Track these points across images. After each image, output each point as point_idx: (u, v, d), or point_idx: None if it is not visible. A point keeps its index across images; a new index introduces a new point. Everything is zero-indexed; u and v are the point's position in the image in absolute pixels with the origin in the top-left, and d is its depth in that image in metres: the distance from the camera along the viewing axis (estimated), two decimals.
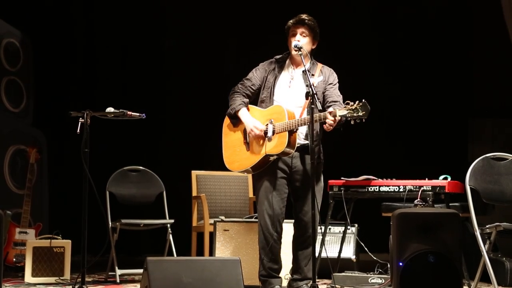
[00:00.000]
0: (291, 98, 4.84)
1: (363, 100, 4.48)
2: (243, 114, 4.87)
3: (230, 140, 4.94)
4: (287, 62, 4.96)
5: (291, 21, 4.89)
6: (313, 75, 4.80)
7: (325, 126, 4.63)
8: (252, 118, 4.84)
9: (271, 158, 4.78)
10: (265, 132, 4.78)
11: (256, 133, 4.78)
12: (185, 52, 8.24)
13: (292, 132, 4.70)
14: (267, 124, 4.79)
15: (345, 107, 4.55)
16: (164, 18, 8.40)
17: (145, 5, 8.31)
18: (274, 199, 4.79)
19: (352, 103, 4.51)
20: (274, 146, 4.74)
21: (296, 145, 4.74)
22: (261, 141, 4.80)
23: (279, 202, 4.81)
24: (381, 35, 8.18)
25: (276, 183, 4.81)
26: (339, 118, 4.54)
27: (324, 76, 4.90)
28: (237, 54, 7.97)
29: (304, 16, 4.88)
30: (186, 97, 8.18)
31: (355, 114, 4.49)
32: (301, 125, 4.69)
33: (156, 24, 8.38)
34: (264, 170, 4.81)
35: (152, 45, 8.40)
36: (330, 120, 4.54)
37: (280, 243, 4.88)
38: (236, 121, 4.92)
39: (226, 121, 4.99)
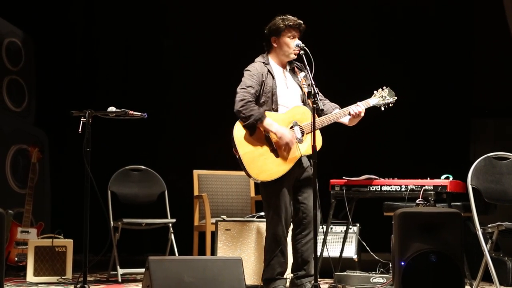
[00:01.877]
0: (292, 98, 4.84)
1: (386, 87, 4.87)
2: (271, 124, 4.72)
3: (251, 150, 4.74)
4: (271, 63, 4.92)
5: (289, 22, 4.84)
6: (297, 72, 4.86)
7: (351, 118, 4.81)
8: (282, 126, 4.73)
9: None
10: None
11: (291, 145, 4.71)
12: (186, 51, 8.24)
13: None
14: (291, 127, 4.76)
15: (375, 95, 4.84)
16: (166, 17, 8.41)
17: (147, 4, 8.32)
18: (289, 203, 4.79)
19: (377, 92, 4.83)
20: (308, 146, 4.67)
21: None
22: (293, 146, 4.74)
23: (291, 205, 4.82)
24: (382, 34, 8.18)
25: (289, 187, 4.80)
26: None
27: (304, 72, 4.91)
28: (238, 54, 7.94)
29: (300, 21, 4.88)
30: (187, 97, 8.19)
31: (386, 101, 4.87)
32: (331, 121, 4.79)
33: (158, 24, 8.38)
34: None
35: (154, 44, 8.41)
36: (362, 112, 4.78)
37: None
38: (253, 131, 4.76)
39: (239, 132, 4.77)
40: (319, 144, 4.73)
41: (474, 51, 8.10)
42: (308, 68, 4.67)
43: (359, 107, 4.77)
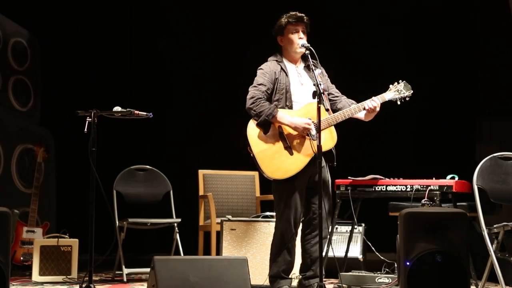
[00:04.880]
0: (306, 95, 4.81)
1: (403, 81, 4.85)
2: (283, 116, 4.73)
3: (265, 149, 4.74)
4: (285, 60, 4.93)
5: (289, 19, 4.87)
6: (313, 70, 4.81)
7: (367, 113, 4.82)
8: (293, 116, 4.75)
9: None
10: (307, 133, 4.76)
11: (310, 128, 4.71)
12: (191, 51, 8.24)
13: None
14: None
15: (390, 89, 4.85)
16: (171, 17, 8.40)
17: (151, 4, 8.32)
18: (300, 202, 4.79)
19: (392, 86, 4.84)
20: (324, 143, 4.64)
21: None
22: (304, 143, 4.74)
23: (302, 205, 4.82)
24: (387, 34, 8.17)
25: (302, 186, 4.80)
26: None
27: (320, 69, 4.91)
28: (243, 53, 7.96)
29: (301, 14, 4.88)
30: (193, 96, 8.19)
31: (402, 95, 4.85)
32: (347, 117, 4.77)
33: (163, 23, 8.39)
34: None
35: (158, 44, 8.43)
36: (378, 107, 4.79)
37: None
38: (267, 128, 4.76)
39: (253, 131, 4.77)
40: (333, 140, 4.77)
41: (479, 50, 8.09)
42: (314, 68, 4.66)
43: (374, 102, 4.78)
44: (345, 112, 4.79)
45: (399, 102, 4.87)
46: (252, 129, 4.78)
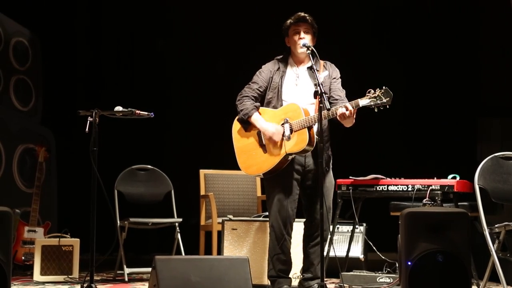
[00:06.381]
0: (299, 96, 4.83)
1: (384, 87, 4.53)
2: (257, 119, 4.83)
3: (243, 145, 4.89)
4: (289, 60, 4.95)
5: (291, 20, 4.89)
6: (318, 70, 4.75)
7: (339, 117, 4.62)
8: (267, 122, 4.80)
9: (290, 158, 4.75)
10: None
11: (276, 140, 4.73)
12: (192, 51, 8.24)
13: (310, 129, 4.67)
14: (282, 124, 4.76)
15: (367, 95, 4.56)
16: (171, 16, 8.41)
17: (152, 4, 8.32)
18: (287, 200, 4.78)
19: (373, 91, 4.54)
20: (295, 144, 4.70)
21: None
22: (278, 142, 4.77)
23: (291, 203, 4.81)
24: (389, 33, 8.16)
25: (289, 185, 4.80)
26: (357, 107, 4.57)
27: (328, 71, 4.91)
28: (244, 52, 7.96)
29: (303, 14, 4.89)
30: (194, 96, 8.19)
31: (378, 102, 4.52)
32: (319, 120, 4.61)
33: (163, 23, 8.39)
34: (278, 171, 4.78)
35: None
36: (346, 112, 4.54)
37: (290, 243, 4.89)
38: (247, 125, 4.88)
39: (236, 126, 4.94)
40: (303, 143, 4.68)
41: (481, 49, 8.07)
42: (315, 68, 4.66)
43: (343, 108, 4.57)
44: (317, 116, 4.62)
45: (376, 110, 4.56)
46: (236, 125, 4.95)
